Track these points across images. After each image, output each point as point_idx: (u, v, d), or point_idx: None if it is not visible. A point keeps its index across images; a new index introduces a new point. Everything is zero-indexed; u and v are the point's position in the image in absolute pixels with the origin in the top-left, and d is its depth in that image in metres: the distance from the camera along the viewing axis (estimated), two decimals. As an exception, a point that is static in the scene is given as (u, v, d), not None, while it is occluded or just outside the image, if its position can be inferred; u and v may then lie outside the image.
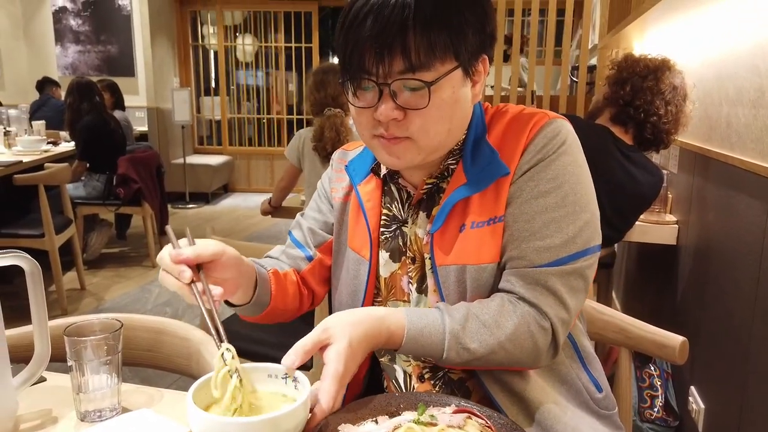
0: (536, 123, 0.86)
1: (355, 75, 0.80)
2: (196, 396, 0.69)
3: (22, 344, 0.97)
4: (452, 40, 0.78)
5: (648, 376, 2.03)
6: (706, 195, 1.92)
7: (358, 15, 0.77)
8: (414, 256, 0.94)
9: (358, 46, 0.77)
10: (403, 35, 0.75)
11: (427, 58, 0.77)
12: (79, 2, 6.57)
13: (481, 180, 0.86)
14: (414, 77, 0.78)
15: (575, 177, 0.86)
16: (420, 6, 0.75)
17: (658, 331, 1.10)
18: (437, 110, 0.80)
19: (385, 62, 0.77)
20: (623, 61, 1.87)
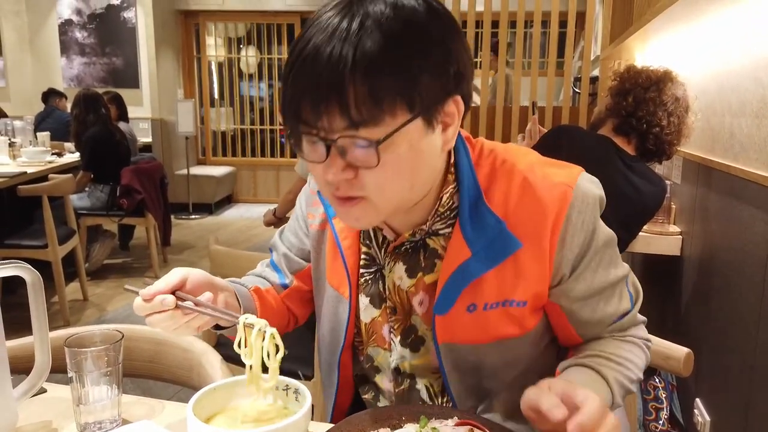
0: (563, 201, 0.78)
1: (296, 129, 0.69)
2: (196, 408, 0.68)
3: (22, 355, 0.97)
4: (401, 90, 0.66)
5: (653, 388, 2.01)
6: (710, 205, 1.91)
7: (295, 63, 0.67)
8: (395, 307, 0.88)
9: (295, 99, 0.67)
10: (341, 88, 0.64)
11: (371, 113, 0.65)
12: (85, 15, 6.63)
13: (491, 256, 0.79)
14: (358, 135, 0.66)
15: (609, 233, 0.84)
16: (362, 53, 0.64)
17: (662, 343, 1.09)
18: (393, 167, 0.70)
19: (324, 117, 0.66)
20: (625, 73, 1.87)
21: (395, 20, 0.66)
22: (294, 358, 1.76)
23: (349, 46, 0.64)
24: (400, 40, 0.66)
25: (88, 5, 6.59)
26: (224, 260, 1.58)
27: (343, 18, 0.66)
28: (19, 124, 4.43)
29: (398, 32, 0.65)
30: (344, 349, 0.93)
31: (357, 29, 0.65)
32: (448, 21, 0.71)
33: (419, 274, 0.85)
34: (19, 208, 3.59)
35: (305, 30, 0.68)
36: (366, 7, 0.66)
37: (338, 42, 0.64)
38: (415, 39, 0.67)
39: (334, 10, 0.68)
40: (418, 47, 0.67)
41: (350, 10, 0.67)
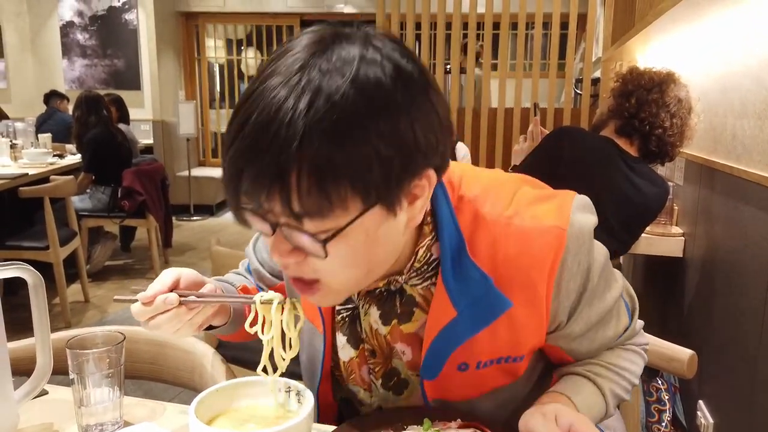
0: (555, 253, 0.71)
1: (237, 205, 0.60)
2: (198, 409, 0.68)
3: (24, 357, 0.97)
4: (354, 181, 0.56)
5: (655, 390, 2.01)
6: (712, 207, 1.91)
7: (235, 138, 0.57)
8: (374, 350, 0.82)
9: (235, 180, 0.58)
10: (283, 178, 0.55)
11: (318, 206, 0.56)
12: (87, 17, 6.63)
13: (478, 316, 0.72)
14: (302, 228, 0.58)
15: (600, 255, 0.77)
16: (308, 140, 0.54)
17: (666, 345, 1.09)
18: (345, 258, 0.62)
19: (264, 205, 0.58)
20: (628, 74, 1.87)
21: (352, 99, 0.55)
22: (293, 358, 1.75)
23: (293, 130, 0.54)
24: (355, 122, 0.55)
25: (90, 7, 6.60)
26: (226, 261, 1.58)
27: (290, 92, 0.55)
28: (20, 126, 4.44)
29: (354, 114, 0.55)
30: (322, 381, 0.87)
31: (305, 109, 0.54)
32: (418, 84, 0.60)
33: (394, 322, 0.79)
34: (21, 209, 3.59)
35: (251, 89, 0.58)
36: (318, 81, 0.55)
37: (282, 125, 0.54)
38: (373, 120, 0.56)
39: (281, 76, 0.56)
40: (377, 130, 0.56)
41: (299, 82, 0.56)
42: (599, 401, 0.81)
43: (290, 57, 0.58)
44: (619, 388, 0.84)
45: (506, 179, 0.80)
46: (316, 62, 0.57)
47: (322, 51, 0.58)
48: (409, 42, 3.83)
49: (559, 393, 0.79)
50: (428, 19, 3.69)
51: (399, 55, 0.60)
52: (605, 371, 0.83)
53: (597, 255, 0.76)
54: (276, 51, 0.60)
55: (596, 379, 0.82)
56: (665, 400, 1.99)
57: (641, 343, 0.90)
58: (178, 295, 0.72)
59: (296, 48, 0.59)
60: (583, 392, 0.80)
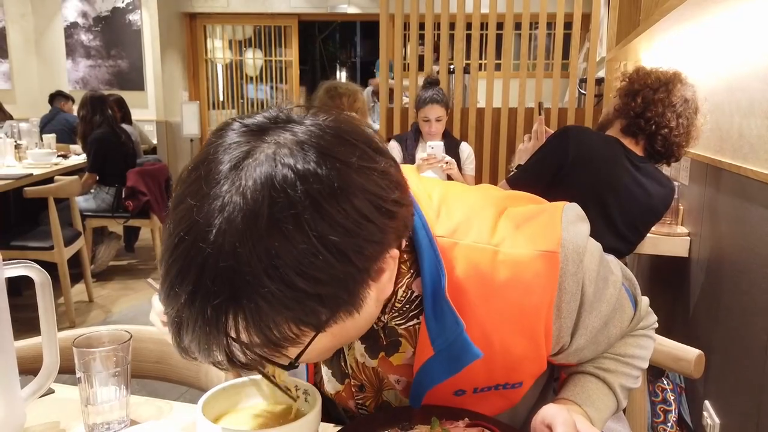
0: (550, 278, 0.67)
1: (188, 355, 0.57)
2: (205, 408, 0.68)
3: (30, 356, 0.97)
4: (298, 324, 0.53)
5: (661, 390, 2.00)
6: (718, 207, 1.90)
7: (170, 288, 0.53)
8: (362, 384, 0.79)
9: (176, 337, 0.56)
10: (220, 340, 0.52)
11: (267, 351, 0.55)
12: (91, 17, 6.65)
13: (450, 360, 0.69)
14: (261, 363, 0.57)
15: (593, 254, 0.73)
16: (233, 298, 0.50)
17: (673, 344, 1.08)
18: (317, 355, 0.62)
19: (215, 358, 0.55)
20: (635, 74, 1.87)
21: (259, 247, 0.49)
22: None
23: (221, 284, 0.50)
24: (272, 273, 0.50)
25: (94, 8, 6.61)
26: None
27: (202, 241, 0.50)
28: (25, 126, 4.45)
29: (266, 250, 0.49)
30: None
31: (214, 255, 0.49)
32: (336, 181, 0.52)
33: (381, 354, 0.76)
34: (26, 209, 3.60)
35: (171, 237, 0.52)
36: (235, 214, 0.50)
37: (201, 286, 0.50)
38: (293, 263, 0.50)
39: (190, 212, 0.51)
40: (299, 272, 0.50)
41: (207, 228, 0.50)
42: (610, 400, 0.80)
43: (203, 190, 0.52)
44: (629, 379, 0.82)
45: (490, 202, 0.75)
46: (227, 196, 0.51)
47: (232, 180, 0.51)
48: (413, 42, 3.83)
49: (573, 402, 0.77)
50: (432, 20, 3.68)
51: (315, 165, 0.52)
52: (613, 364, 0.82)
53: (590, 262, 0.71)
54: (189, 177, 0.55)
55: (605, 376, 0.81)
56: (671, 401, 1.99)
57: (649, 325, 0.87)
58: None
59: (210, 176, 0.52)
60: (594, 396, 0.79)
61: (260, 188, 0.50)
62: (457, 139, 3.30)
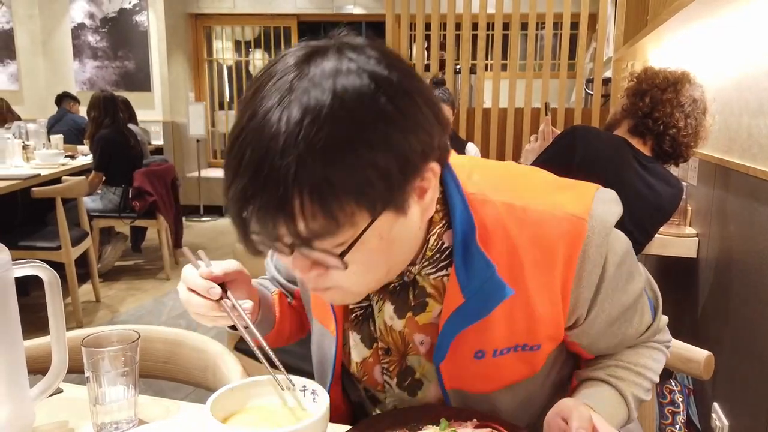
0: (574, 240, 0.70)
1: (248, 241, 0.62)
2: (214, 408, 0.68)
3: (39, 355, 0.97)
4: (357, 197, 0.57)
5: (669, 392, 1.99)
6: (727, 207, 1.89)
7: (235, 175, 0.58)
8: (388, 348, 0.81)
9: (239, 215, 0.59)
10: (285, 205, 0.56)
11: (325, 227, 0.57)
12: (98, 19, 6.68)
13: (481, 302, 0.71)
14: (314, 248, 0.60)
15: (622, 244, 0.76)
16: (304, 163, 0.54)
17: (682, 346, 1.07)
18: (364, 264, 0.64)
19: (273, 230, 0.59)
20: (643, 73, 1.85)
21: (338, 119, 0.55)
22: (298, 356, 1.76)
23: (287, 160, 0.54)
24: (346, 141, 0.55)
25: (101, 9, 6.64)
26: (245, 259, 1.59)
27: (277, 122, 0.55)
28: (32, 127, 4.47)
29: (343, 133, 0.55)
30: (332, 385, 0.87)
31: (294, 137, 0.55)
32: (400, 89, 0.59)
33: (408, 314, 0.79)
34: (33, 210, 3.62)
35: (239, 129, 0.58)
36: (302, 106, 0.55)
37: (276, 157, 0.55)
38: (363, 134, 0.56)
39: (265, 108, 0.57)
40: (369, 143, 0.56)
41: (283, 111, 0.56)
42: (622, 410, 0.79)
43: (271, 87, 0.58)
44: (641, 390, 0.82)
45: (521, 169, 0.80)
46: (296, 86, 0.57)
47: (299, 75, 0.58)
48: (419, 42, 3.82)
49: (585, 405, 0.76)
50: (438, 20, 3.68)
51: (375, 62, 0.59)
52: (626, 373, 0.82)
53: (618, 245, 0.74)
54: (256, 80, 0.61)
55: (618, 384, 0.80)
56: (679, 402, 1.98)
57: (664, 341, 0.88)
58: (221, 292, 0.75)
59: (275, 75, 0.59)
60: (606, 402, 0.78)
61: (328, 75, 0.57)
62: (464, 140, 3.29)
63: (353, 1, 6.75)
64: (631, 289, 0.77)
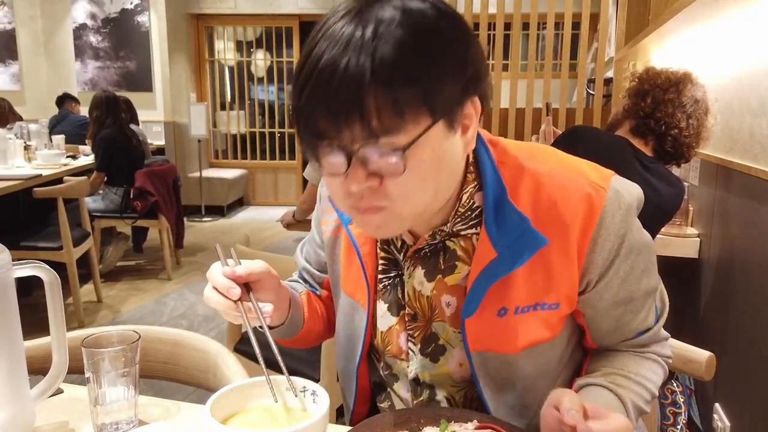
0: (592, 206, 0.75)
1: (314, 143, 0.67)
2: (214, 409, 0.68)
3: (39, 355, 0.97)
4: (423, 95, 0.64)
5: (670, 392, 1.99)
6: (729, 207, 1.89)
7: (310, 76, 0.64)
8: (415, 313, 0.86)
9: (312, 112, 0.65)
10: (361, 98, 0.62)
11: (393, 121, 0.63)
12: (99, 19, 6.69)
13: (515, 254, 0.76)
14: (381, 143, 0.65)
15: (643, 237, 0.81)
16: (380, 62, 0.61)
17: (683, 346, 1.07)
18: (417, 174, 0.67)
19: (343, 128, 0.64)
20: (644, 74, 1.85)
21: (408, 25, 0.63)
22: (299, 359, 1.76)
23: (365, 56, 0.61)
24: (416, 45, 0.63)
25: (103, 10, 6.65)
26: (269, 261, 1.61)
27: (355, 27, 0.63)
28: (34, 128, 4.48)
29: (413, 37, 0.63)
30: (362, 359, 0.91)
31: (371, 37, 0.62)
32: (459, 22, 0.69)
33: (438, 277, 0.83)
34: (35, 210, 3.63)
35: (314, 41, 0.65)
36: (376, 14, 0.63)
37: (354, 52, 0.62)
38: (430, 43, 0.64)
39: (343, 19, 0.64)
40: (435, 51, 0.65)
41: (361, 18, 0.64)
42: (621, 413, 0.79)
43: (342, 11, 0.66)
44: (641, 400, 0.82)
45: (544, 146, 0.85)
46: (366, 8, 0.65)
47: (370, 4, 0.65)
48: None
49: None
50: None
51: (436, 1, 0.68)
52: (626, 381, 0.82)
53: (638, 231, 0.79)
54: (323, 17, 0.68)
55: (617, 390, 0.80)
56: (680, 403, 1.97)
57: (664, 354, 0.89)
58: (241, 293, 0.77)
59: (342, 6, 0.67)
60: (604, 402, 0.78)
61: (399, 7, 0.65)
62: None
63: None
64: (644, 284, 0.81)
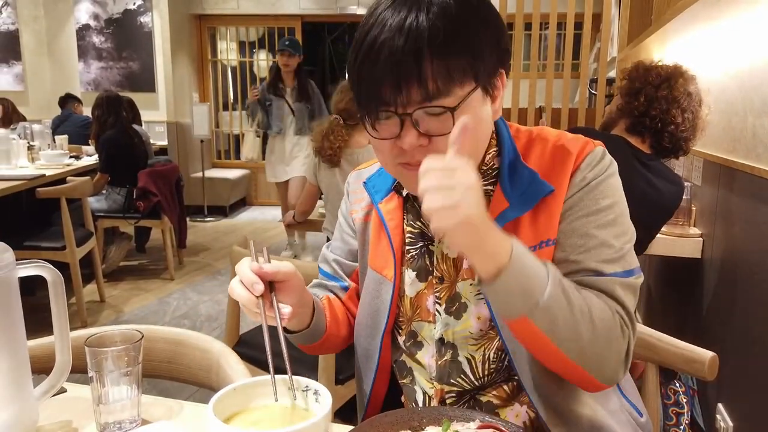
0: (584, 148, 0.86)
1: (373, 108, 0.78)
2: (216, 408, 0.68)
3: (42, 355, 0.97)
4: (471, 63, 0.76)
5: (673, 392, 1.98)
6: (732, 207, 1.88)
7: (372, 47, 0.75)
8: (441, 276, 0.92)
9: (374, 80, 0.76)
10: (419, 65, 0.73)
11: (445, 85, 0.75)
12: (102, 20, 6.70)
13: (524, 201, 0.85)
14: (434, 105, 0.76)
15: (623, 198, 0.88)
16: (434, 32, 0.73)
17: (686, 346, 1.07)
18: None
19: (403, 93, 0.75)
20: (634, 71, 1.84)
21: (455, 4, 0.75)
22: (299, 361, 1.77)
23: (422, 29, 0.73)
24: (464, 19, 0.75)
25: (106, 10, 6.67)
26: None
27: (411, 7, 0.74)
28: (37, 128, 4.49)
29: (461, 12, 0.75)
30: (386, 332, 0.96)
31: (426, 12, 0.74)
32: (490, 4, 0.81)
33: None
34: (38, 210, 3.64)
35: (373, 13, 0.77)
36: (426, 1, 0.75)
37: (412, 26, 0.73)
38: (474, 18, 0.76)
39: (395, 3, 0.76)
40: (479, 25, 0.77)
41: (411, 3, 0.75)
42: (539, 268, 0.73)
43: None
44: (569, 285, 0.76)
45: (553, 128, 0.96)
46: None
47: None
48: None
49: None
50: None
51: None
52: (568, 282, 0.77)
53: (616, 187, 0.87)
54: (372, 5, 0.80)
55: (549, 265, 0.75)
56: (683, 403, 1.97)
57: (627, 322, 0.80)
58: (264, 290, 0.79)
59: None
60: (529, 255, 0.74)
61: None
62: None
63: (357, 2, 6.75)
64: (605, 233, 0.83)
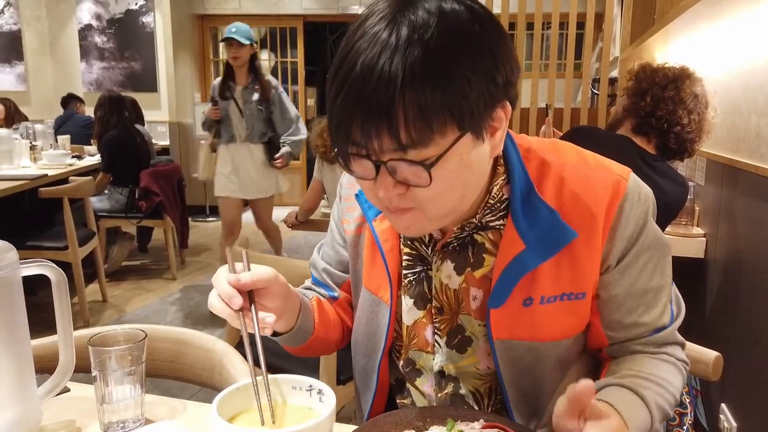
0: (617, 191, 0.78)
1: (345, 150, 0.70)
2: (220, 407, 0.68)
3: (46, 354, 0.97)
4: (452, 110, 0.65)
5: (676, 393, 1.98)
6: (735, 207, 1.88)
7: (342, 85, 0.66)
8: (441, 307, 0.87)
9: (345, 120, 0.66)
10: (390, 112, 0.63)
11: (421, 135, 0.64)
12: (104, 20, 6.70)
13: (545, 247, 0.77)
14: (407, 158, 0.66)
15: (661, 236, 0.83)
16: (410, 74, 0.62)
17: (690, 346, 1.06)
18: (444, 183, 0.70)
19: (374, 140, 0.66)
20: (641, 72, 1.84)
21: (442, 39, 0.64)
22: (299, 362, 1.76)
23: (398, 65, 0.63)
24: (447, 53, 0.64)
25: (108, 10, 6.67)
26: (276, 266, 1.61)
27: (391, 32, 0.64)
28: (39, 128, 4.50)
29: (444, 45, 0.64)
30: (384, 355, 0.92)
31: (405, 44, 0.63)
32: (493, 26, 0.69)
33: (467, 270, 0.84)
34: (41, 210, 3.64)
35: (350, 42, 0.67)
36: (410, 16, 0.65)
37: (387, 60, 0.63)
38: (461, 50, 0.65)
39: (380, 23, 0.66)
40: (466, 59, 0.65)
41: (395, 21, 0.65)
42: (643, 412, 0.76)
43: (376, 16, 0.67)
44: (663, 400, 0.79)
45: (569, 144, 0.87)
46: (403, 11, 0.65)
47: (405, 6, 0.66)
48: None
49: (609, 404, 0.73)
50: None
51: (471, 2, 0.69)
52: (647, 382, 0.79)
53: (656, 228, 0.81)
54: (359, 17, 0.69)
55: (638, 390, 0.77)
56: (686, 403, 1.96)
57: (681, 359, 0.86)
58: (242, 303, 0.74)
59: (378, 8, 0.68)
60: (624, 400, 0.75)
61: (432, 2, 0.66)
62: None
63: (359, 2, 6.75)
64: (657, 280, 0.82)
